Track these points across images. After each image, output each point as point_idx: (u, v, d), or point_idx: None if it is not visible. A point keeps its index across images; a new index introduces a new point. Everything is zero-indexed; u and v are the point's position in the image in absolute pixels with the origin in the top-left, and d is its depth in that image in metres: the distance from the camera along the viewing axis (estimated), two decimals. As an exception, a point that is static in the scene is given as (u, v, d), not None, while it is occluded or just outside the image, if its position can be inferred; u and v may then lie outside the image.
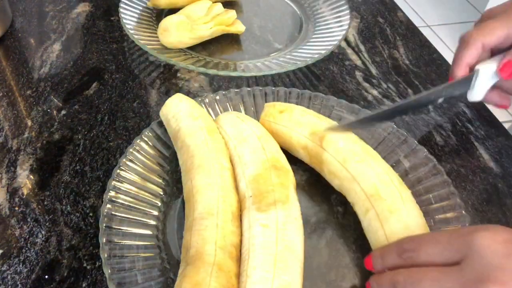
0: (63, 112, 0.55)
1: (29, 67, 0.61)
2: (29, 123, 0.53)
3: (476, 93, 0.45)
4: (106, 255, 0.37)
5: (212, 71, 0.57)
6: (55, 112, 0.55)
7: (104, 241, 0.38)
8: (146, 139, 0.47)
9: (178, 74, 0.61)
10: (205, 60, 0.61)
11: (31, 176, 0.48)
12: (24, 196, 0.46)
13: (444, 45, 2.07)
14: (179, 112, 0.46)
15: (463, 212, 0.41)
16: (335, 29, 0.66)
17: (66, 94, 0.57)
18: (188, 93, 0.58)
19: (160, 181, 0.45)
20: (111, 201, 0.41)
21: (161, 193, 0.44)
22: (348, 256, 0.41)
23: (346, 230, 0.43)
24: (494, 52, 0.45)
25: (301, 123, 0.46)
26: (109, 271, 0.36)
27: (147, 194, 0.44)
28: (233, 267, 0.36)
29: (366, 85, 0.61)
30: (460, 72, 0.45)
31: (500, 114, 0.68)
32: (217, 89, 0.59)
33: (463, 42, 0.45)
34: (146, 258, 0.39)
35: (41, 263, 0.41)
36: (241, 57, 0.64)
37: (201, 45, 0.64)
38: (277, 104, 0.49)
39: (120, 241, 0.39)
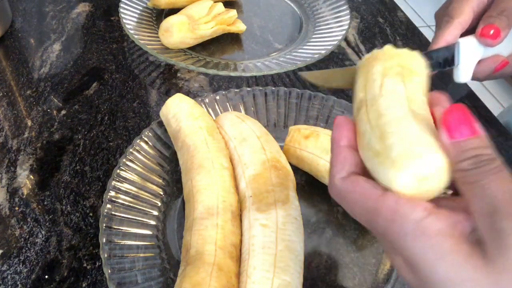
0: (63, 112, 0.55)
1: (29, 67, 0.61)
2: (29, 123, 0.53)
3: (463, 71, 0.42)
4: (106, 255, 0.37)
5: (212, 71, 0.57)
6: (55, 112, 0.55)
7: (104, 241, 0.38)
8: (146, 139, 0.47)
9: (178, 74, 0.61)
10: (205, 60, 0.61)
11: (31, 176, 0.48)
12: (24, 196, 0.46)
13: (444, 45, 2.07)
14: (179, 112, 0.46)
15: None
16: (335, 29, 0.66)
17: (66, 94, 0.57)
18: (188, 93, 0.58)
19: (160, 181, 0.45)
20: (111, 201, 0.41)
21: (161, 193, 0.44)
22: (348, 256, 0.41)
23: (346, 230, 0.43)
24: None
25: (328, 149, 0.44)
26: (109, 271, 0.36)
27: (147, 194, 0.44)
28: (233, 267, 0.36)
29: (366, 85, 0.61)
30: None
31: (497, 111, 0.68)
32: (217, 89, 0.59)
33: (442, 21, 0.43)
34: (146, 258, 0.39)
35: (41, 263, 0.41)
36: (241, 57, 0.64)
37: (201, 45, 0.64)
38: (302, 129, 0.47)
39: (120, 241, 0.39)
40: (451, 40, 0.42)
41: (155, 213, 0.43)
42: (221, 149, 0.44)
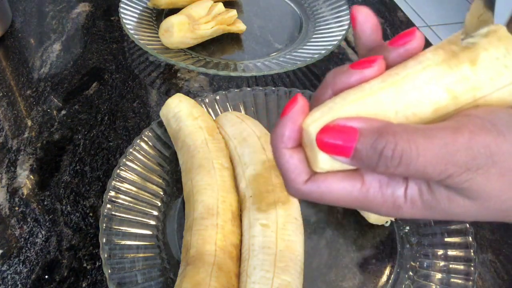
0: (63, 112, 0.55)
1: (29, 67, 0.61)
2: (29, 123, 0.53)
3: None
4: (106, 255, 0.37)
5: (212, 71, 0.57)
6: (55, 112, 0.55)
7: (104, 241, 0.38)
8: (146, 139, 0.47)
9: (178, 74, 0.61)
10: (205, 60, 0.61)
11: (31, 176, 0.48)
12: (24, 196, 0.46)
13: (444, 45, 2.06)
14: (179, 112, 0.46)
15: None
16: (335, 29, 0.66)
17: (66, 94, 0.57)
18: (188, 93, 0.58)
19: (160, 181, 0.45)
20: (111, 201, 0.41)
21: (161, 193, 0.44)
22: (348, 256, 0.41)
23: (346, 230, 0.43)
24: None
25: None
26: (109, 271, 0.36)
27: (147, 194, 0.44)
28: (233, 267, 0.36)
29: (366, 85, 0.61)
30: None
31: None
32: (217, 89, 0.59)
33: None
34: (146, 258, 0.39)
35: (41, 263, 0.41)
36: (241, 57, 0.64)
37: (201, 45, 0.64)
38: None
39: (120, 241, 0.39)
40: None
41: (155, 213, 0.43)
42: (221, 149, 0.44)
